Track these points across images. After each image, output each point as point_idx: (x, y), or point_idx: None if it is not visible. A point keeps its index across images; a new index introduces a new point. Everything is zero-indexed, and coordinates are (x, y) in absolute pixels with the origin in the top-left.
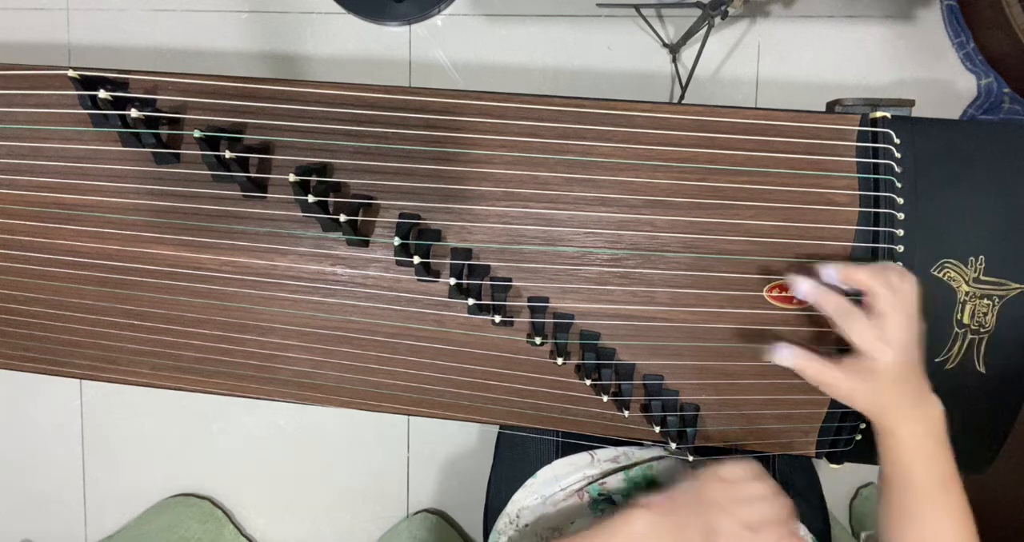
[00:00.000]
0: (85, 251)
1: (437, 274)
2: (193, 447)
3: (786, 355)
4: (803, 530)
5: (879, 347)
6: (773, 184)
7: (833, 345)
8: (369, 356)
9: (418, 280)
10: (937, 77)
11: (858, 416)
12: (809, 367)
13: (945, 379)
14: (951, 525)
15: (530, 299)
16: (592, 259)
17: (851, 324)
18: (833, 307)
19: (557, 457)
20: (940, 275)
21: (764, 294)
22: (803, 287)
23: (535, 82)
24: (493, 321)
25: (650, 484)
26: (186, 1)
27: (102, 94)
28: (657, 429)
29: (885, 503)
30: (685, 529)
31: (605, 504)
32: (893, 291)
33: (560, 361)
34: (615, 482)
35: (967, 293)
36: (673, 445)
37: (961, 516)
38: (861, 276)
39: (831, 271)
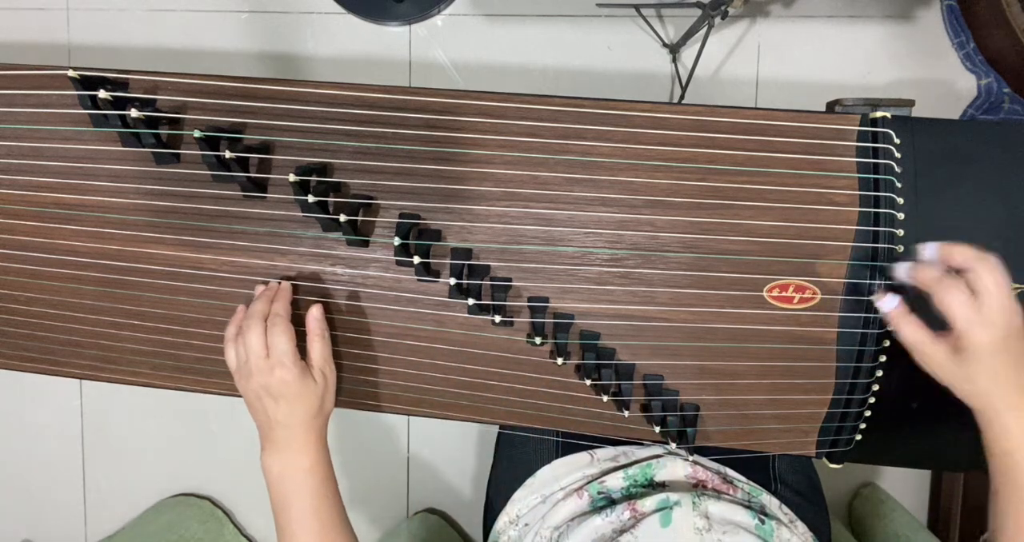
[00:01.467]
0: (85, 251)
1: (437, 274)
2: (193, 447)
3: (890, 303)
4: (803, 528)
5: (975, 322)
6: (773, 184)
7: (834, 344)
8: (369, 356)
9: (418, 280)
10: (937, 77)
11: (858, 416)
12: (907, 325)
13: None
14: None
15: (530, 299)
16: (592, 259)
17: (950, 297)
18: (928, 278)
19: (557, 457)
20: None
21: (764, 294)
22: (898, 268)
23: (535, 82)
24: (493, 321)
25: (650, 482)
26: (186, 1)
27: (102, 94)
28: (657, 429)
29: (994, 500)
30: None
31: (604, 502)
32: (995, 272)
33: (560, 361)
34: (615, 481)
35: None
36: (673, 445)
37: None
38: (960, 252)
39: (931, 247)
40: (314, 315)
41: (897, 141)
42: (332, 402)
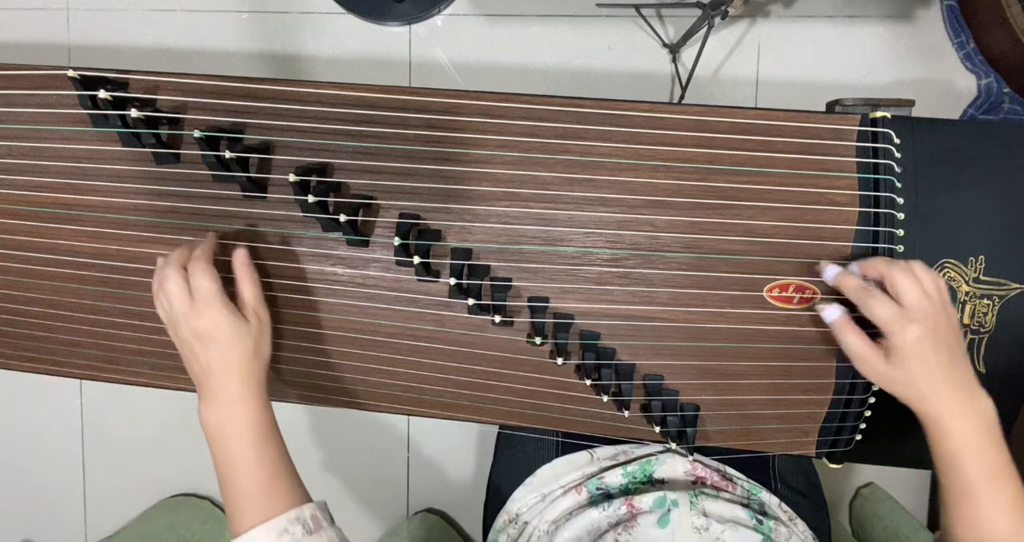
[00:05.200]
0: (85, 251)
1: (437, 274)
2: (193, 447)
3: (832, 313)
4: (802, 526)
5: (901, 323)
6: (773, 184)
7: (834, 345)
8: (369, 356)
9: (418, 280)
10: (937, 77)
11: (858, 416)
12: (848, 334)
13: None
14: (1004, 519)
15: (530, 299)
16: (592, 259)
17: (871, 302)
18: (851, 286)
19: (557, 456)
20: (940, 275)
21: (764, 294)
22: (829, 271)
23: (535, 82)
24: (493, 321)
25: (649, 479)
26: (186, 1)
27: (102, 94)
28: (657, 429)
29: (941, 493)
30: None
31: (602, 498)
32: (909, 273)
33: (560, 361)
34: (614, 477)
35: (967, 293)
36: (673, 445)
37: (1014, 509)
38: (877, 263)
39: (852, 265)
40: (239, 258)
41: (897, 141)
42: (269, 346)
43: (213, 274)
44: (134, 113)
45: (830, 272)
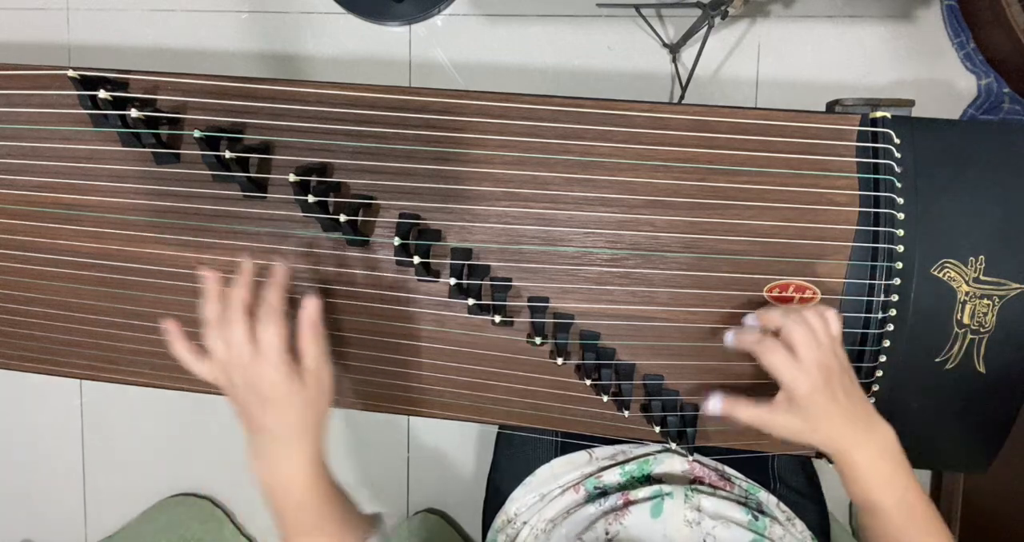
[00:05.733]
0: (85, 251)
1: (437, 274)
2: (193, 447)
3: (715, 403)
4: (801, 527)
5: (795, 375)
6: (773, 184)
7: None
8: (368, 356)
9: (418, 280)
10: (937, 77)
11: None
12: (740, 410)
13: (945, 379)
14: (917, 534)
15: (530, 299)
16: (592, 259)
17: (767, 355)
18: (749, 342)
19: (556, 456)
20: (940, 275)
21: (764, 294)
22: (727, 336)
23: (535, 82)
24: (493, 321)
25: (647, 477)
26: (186, 1)
27: (102, 94)
28: (657, 429)
29: (857, 519)
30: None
31: (600, 496)
32: (802, 324)
33: (560, 361)
34: (611, 476)
35: (967, 293)
36: (673, 445)
37: (930, 532)
38: (773, 315)
39: (749, 316)
40: (308, 311)
41: (897, 141)
42: (327, 409)
43: (282, 327)
44: (134, 113)
45: (728, 337)
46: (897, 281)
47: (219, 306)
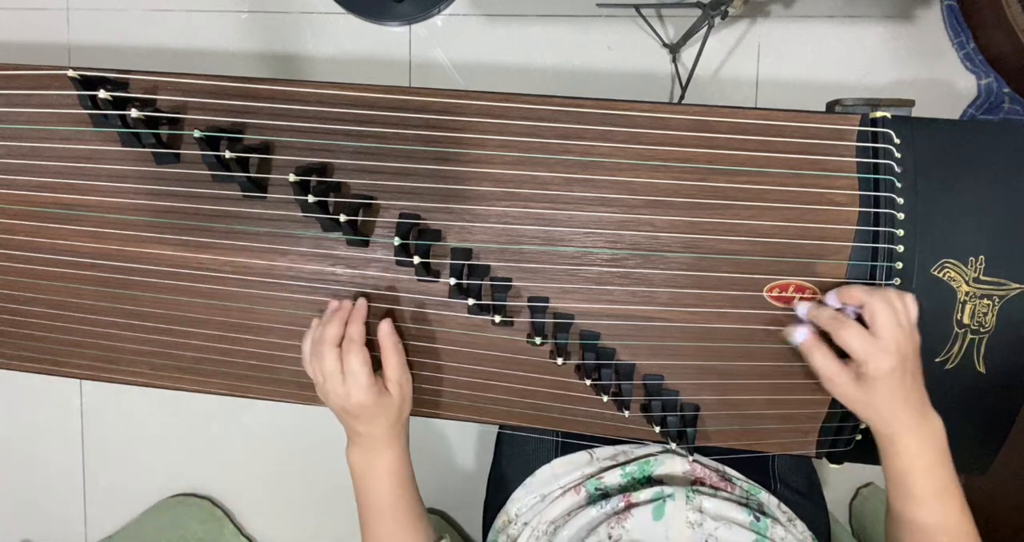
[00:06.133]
0: (85, 251)
1: (437, 274)
2: (193, 447)
3: (801, 334)
4: (801, 527)
5: (873, 354)
6: (773, 184)
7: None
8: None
9: (418, 280)
10: (937, 77)
11: None
12: (818, 353)
13: (945, 379)
14: (946, 535)
15: (530, 299)
16: (592, 259)
17: (845, 333)
18: (827, 318)
19: (556, 456)
20: (940, 275)
21: (764, 294)
22: (800, 308)
23: (535, 82)
24: (493, 321)
25: (648, 479)
26: (186, 1)
27: (102, 94)
28: (657, 429)
29: (888, 507)
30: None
31: (601, 498)
32: (888, 304)
33: (560, 361)
34: (612, 477)
35: (967, 293)
36: (673, 445)
37: (959, 525)
38: (856, 292)
39: (831, 294)
40: (385, 330)
41: (897, 141)
42: (409, 408)
43: (365, 357)
44: (134, 113)
45: (801, 309)
46: (897, 281)
47: (308, 346)
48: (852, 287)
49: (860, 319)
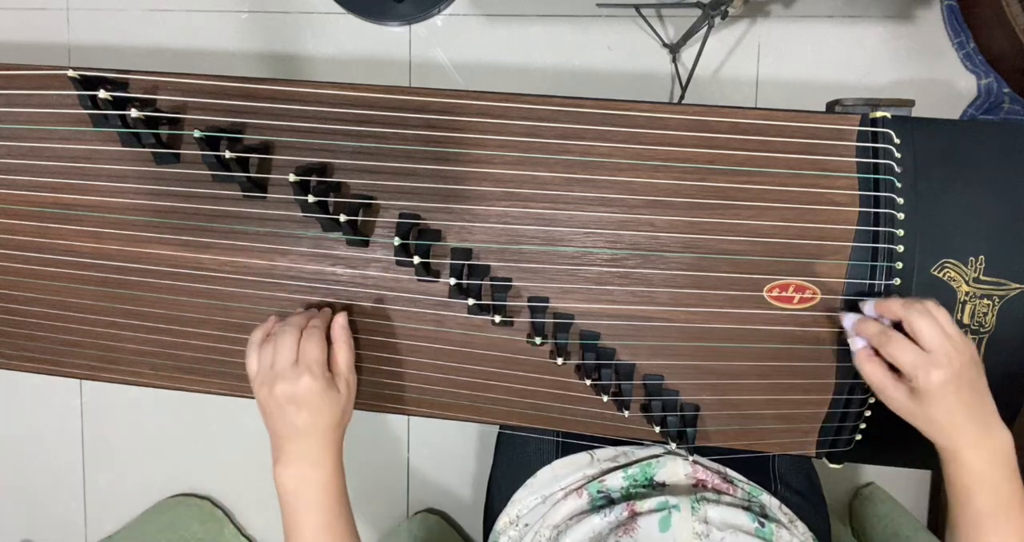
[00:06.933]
0: (85, 251)
1: (437, 274)
2: (193, 447)
3: (859, 342)
4: (802, 528)
5: (922, 368)
6: (773, 184)
7: (834, 345)
8: (368, 356)
9: (418, 280)
10: (937, 77)
11: (858, 416)
12: (870, 366)
13: None
14: None
15: (530, 299)
16: (592, 259)
17: (892, 347)
18: (873, 332)
19: (557, 457)
20: (940, 275)
21: (764, 294)
22: (846, 319)
23: (535, 82)
24: (493, 321)
25: (650, 481)
26: (186, 1)
27: (102, 94)
28: (657, 429)
29: (950, 522)
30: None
31: (603, 502)
32: (927, 315)
33: (560, 361)
34: (614, 480)
35: (967, 293)
36: (673, 445)
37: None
38: (893, 305)
39: (867, 306)
40: (339, 323)
41: (897, 141)
42: (351, 412)
43: (324, 345)
44: (134, 113)
45: (849, 321)
46: (897, 281)
47: (262, 334)
48: (890, 301)
49: (899, 327)
